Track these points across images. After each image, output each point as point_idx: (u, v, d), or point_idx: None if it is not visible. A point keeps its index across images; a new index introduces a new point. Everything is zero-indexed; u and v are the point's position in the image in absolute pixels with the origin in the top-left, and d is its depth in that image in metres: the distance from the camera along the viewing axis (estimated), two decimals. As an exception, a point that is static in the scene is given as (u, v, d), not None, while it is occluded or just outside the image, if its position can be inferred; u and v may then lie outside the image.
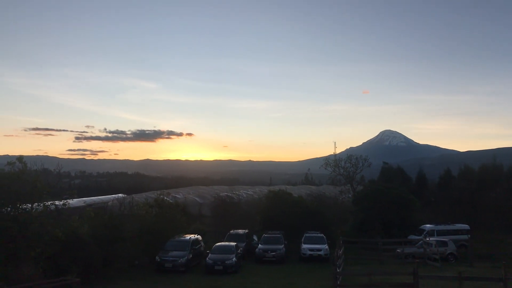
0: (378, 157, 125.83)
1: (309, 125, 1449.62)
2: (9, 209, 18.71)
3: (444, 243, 29.71)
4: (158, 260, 25.61)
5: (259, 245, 30.10)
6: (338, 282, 18.09)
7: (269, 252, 29.00)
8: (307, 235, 31.23)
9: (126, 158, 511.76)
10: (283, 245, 29.80)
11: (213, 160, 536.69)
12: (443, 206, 42.61)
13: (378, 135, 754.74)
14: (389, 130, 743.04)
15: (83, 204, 37.19)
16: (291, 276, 24.28)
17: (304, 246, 29.70)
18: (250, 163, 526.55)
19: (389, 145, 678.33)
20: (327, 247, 29.53)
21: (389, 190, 36.38)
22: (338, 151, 75.46)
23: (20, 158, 19.93)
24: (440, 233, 33.14)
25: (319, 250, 29.22)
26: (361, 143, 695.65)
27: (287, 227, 33.91)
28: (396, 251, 30.27)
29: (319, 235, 31.23)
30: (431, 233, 32.87)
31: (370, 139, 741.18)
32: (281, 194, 38.84)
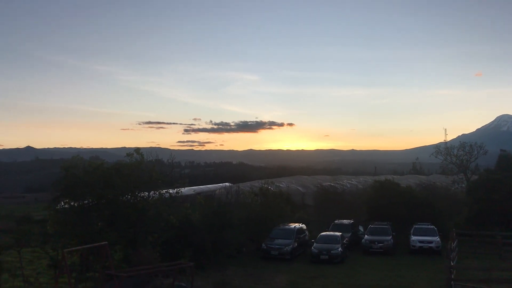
0: (495, 144, 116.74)
1: (416, 112, 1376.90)
2: (128, 197, 20.20)
3: None
4: (264, 247, 26.23)
5: (366, 235, 29.44)
6: (453, 276, 17.11)
7: (376, 243, 28.23)
8: (416, 226, 29.89)
9: (231, 149, 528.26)
10: (391, 236, 28.83)
11: (314, 150, 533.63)
12: None
13: (494, 120, 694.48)
14: (507, 114, 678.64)
15: (193, 193, 39.11)
16: (400, 268, 23.50)
17: (414, 237, 28.47)
18: (352, 152, 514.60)
19: (508, 131, 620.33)
20: (438, 239, 28.03)
21: (508, 180, 33.46)
22: (449, 138, 71.36)
23: (137, 150, 21.38)
24: None
25: (430, 242, 27.83)
26: (474, 130, 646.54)
27: (395, 218, 32.70)
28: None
29: (429, 226, 29.75)
30: (560, 227, 29.61)
31: (485, 125, 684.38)
32: (387, 184, 37.55)
